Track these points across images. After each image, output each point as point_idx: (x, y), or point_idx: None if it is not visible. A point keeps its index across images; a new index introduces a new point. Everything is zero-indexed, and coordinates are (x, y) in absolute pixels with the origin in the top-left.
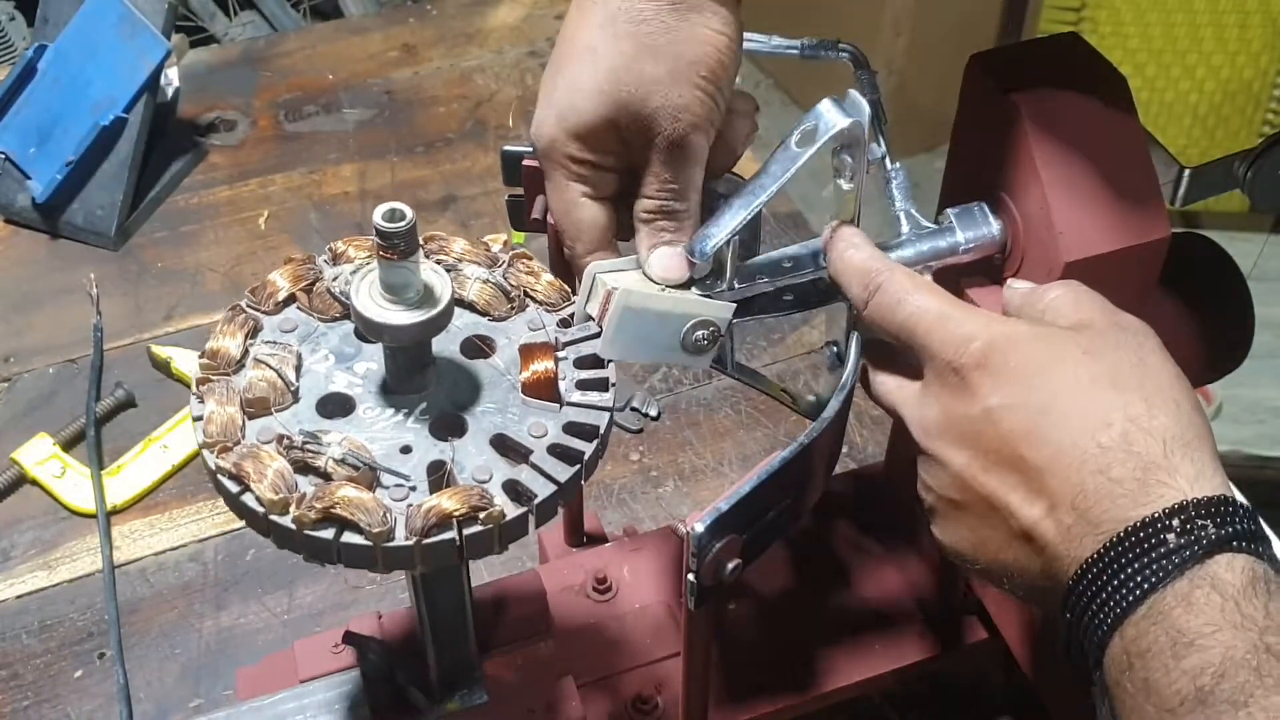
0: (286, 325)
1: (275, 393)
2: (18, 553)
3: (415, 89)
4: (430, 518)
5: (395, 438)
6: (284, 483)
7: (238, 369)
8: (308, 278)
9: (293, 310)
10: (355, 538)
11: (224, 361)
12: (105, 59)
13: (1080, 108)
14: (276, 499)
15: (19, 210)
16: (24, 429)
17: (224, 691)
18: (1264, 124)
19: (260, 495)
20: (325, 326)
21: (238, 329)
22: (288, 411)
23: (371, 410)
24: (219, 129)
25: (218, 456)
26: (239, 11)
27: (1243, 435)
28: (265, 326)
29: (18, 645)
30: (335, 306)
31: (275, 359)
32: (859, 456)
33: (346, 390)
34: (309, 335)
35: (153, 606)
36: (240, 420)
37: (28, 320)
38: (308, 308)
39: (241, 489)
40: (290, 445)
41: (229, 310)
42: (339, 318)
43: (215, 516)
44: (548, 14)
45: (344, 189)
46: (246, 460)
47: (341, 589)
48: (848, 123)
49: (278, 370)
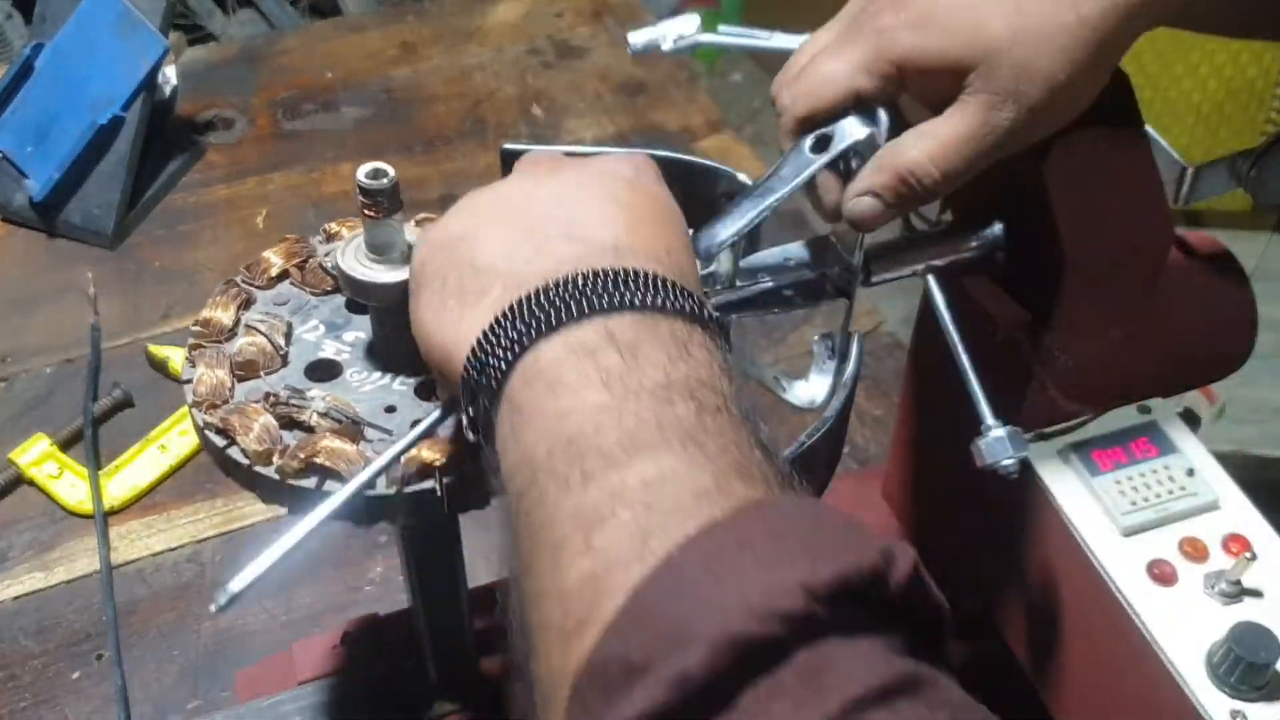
0: (279, 299)
1: (264, 357)
2: (15, 553)
3: (414, 87)
4: (410, 466)
5: (381, 399)
6: (269, 435)
7: (229, 338)
8: (301, 254)
9: (285, 285)
10: (337, 485)
11: (215, 330)
12: (103, 57)
13: None
14: (261, 449)
15: (16, 209)
16: (21, 429)
17: (222, 693)
18: (1267, 122)
19: (246, 447)
20: (317, 300)
21: (230, 300)
22: (275, 375)
23: (359, 374)
24: (217, 127)
25: (205, 413)
26: (237, 9)
27: (1246, 436)
28: (258, 300)
29: (16, 646)
30: (327, 281)
31: (266, 325)
32: (860, 456)
33: (335, 356)
34: (301, 308)
35: (150, 607)
36: (230, 382)
37: (25, 320)
38: (300, 282)
39: (227, 443)
40: (276, 401)
41: (223, 284)
42: (330, 291)
43: (213, 517)
44: (547, 11)
45: (342, 188)
46: (233, 415)
47: (340, 590)
48: (865, 134)
49: (268, 336)
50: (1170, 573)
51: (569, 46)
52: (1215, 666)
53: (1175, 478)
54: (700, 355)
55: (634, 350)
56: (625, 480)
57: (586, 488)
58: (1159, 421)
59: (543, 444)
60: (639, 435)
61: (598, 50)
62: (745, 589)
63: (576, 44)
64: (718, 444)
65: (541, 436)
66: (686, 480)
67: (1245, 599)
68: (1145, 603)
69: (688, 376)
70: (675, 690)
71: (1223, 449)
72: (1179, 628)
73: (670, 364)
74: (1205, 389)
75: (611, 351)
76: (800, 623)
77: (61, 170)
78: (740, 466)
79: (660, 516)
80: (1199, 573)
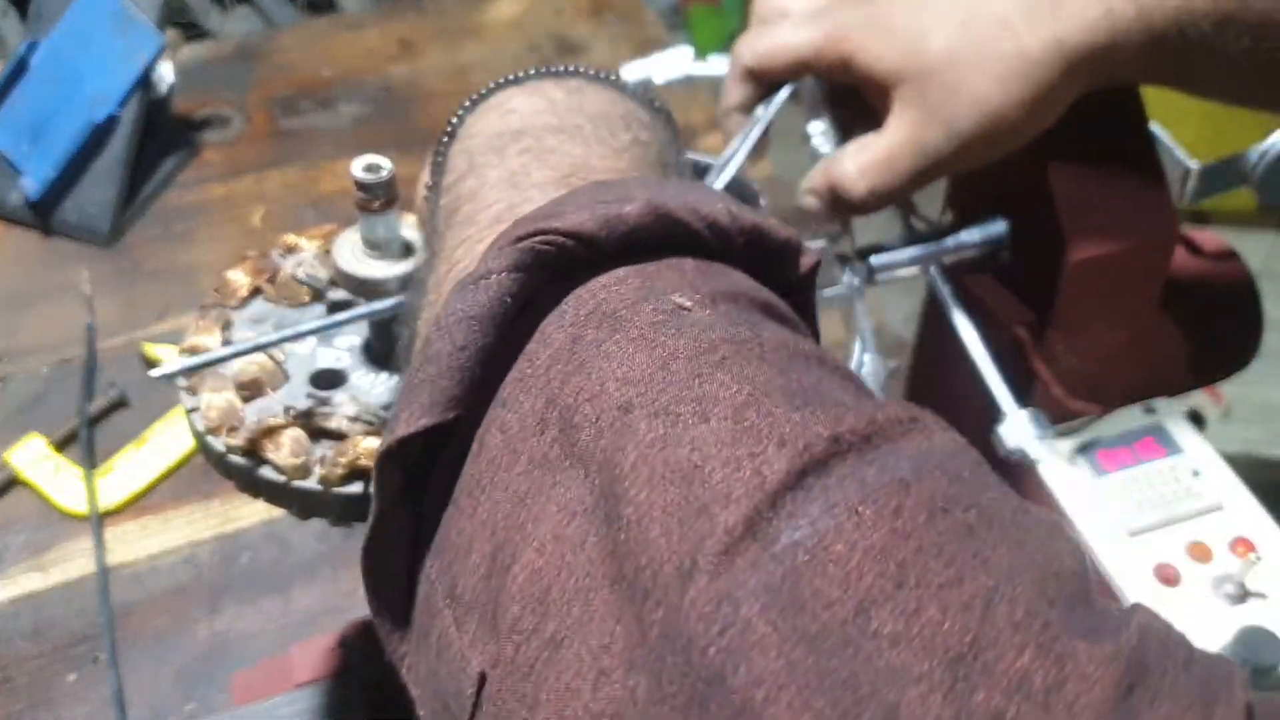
0: (257, 317)
1: (266, 374)
2: (10, 555)
3: (413, 85)
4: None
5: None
6: (301, 448)
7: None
8: (267, 270)
9: (259, 303)
10: None
11: None
12: (98, 54)
13: (1087, 104)
14: (298, 463)
15: (11, 208)
16: (16, 429)
17: (219, 695)
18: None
19: (280, 464)
20: (296, 312)
21: (213, 323)
22: (282, 390)
23: (365, 378)
24: (213, 125)
25: (227, 437)
26: (234, 6)
27: (1252, 436)
28: (236, 321)
29: (11, 649)
30: (303, 292)
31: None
32: None
33: (335, 364)
34: (283, 323)
35: (147, 610)
36: (239, 404)
37: (19, 319)
38: (275, 298)
39: (257, 463)
40: (299, 413)
41: (199, 309)
42: (308, 302)
43: (209, 519)
44: (547, 8)
45: (340, 186)
46: (258, 435)
47: (338, 592)
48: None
49: (266, 351)
50: (1175, 575)
51: (569, 43)
52: None
53: (1181, 479)
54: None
55: (580, 91)
56: (556, 150)
57: (520, 155)
58: (1164, 422)
59: (482, 138)
60: (574, 133)
61: (598, 47)
62: (682, 194)
63: (576, 41)
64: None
65: (483, 131)
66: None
67: (1251, 601)
68: (1150, 605)
69: (625, 113)
70: (602, 224)
71: (1229, 450)
72: (1184, 630)
73: (610, 103)
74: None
75: (559, 89)
76: (720, 232)
77: (57, 168)
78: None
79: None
80: (1205, 575)
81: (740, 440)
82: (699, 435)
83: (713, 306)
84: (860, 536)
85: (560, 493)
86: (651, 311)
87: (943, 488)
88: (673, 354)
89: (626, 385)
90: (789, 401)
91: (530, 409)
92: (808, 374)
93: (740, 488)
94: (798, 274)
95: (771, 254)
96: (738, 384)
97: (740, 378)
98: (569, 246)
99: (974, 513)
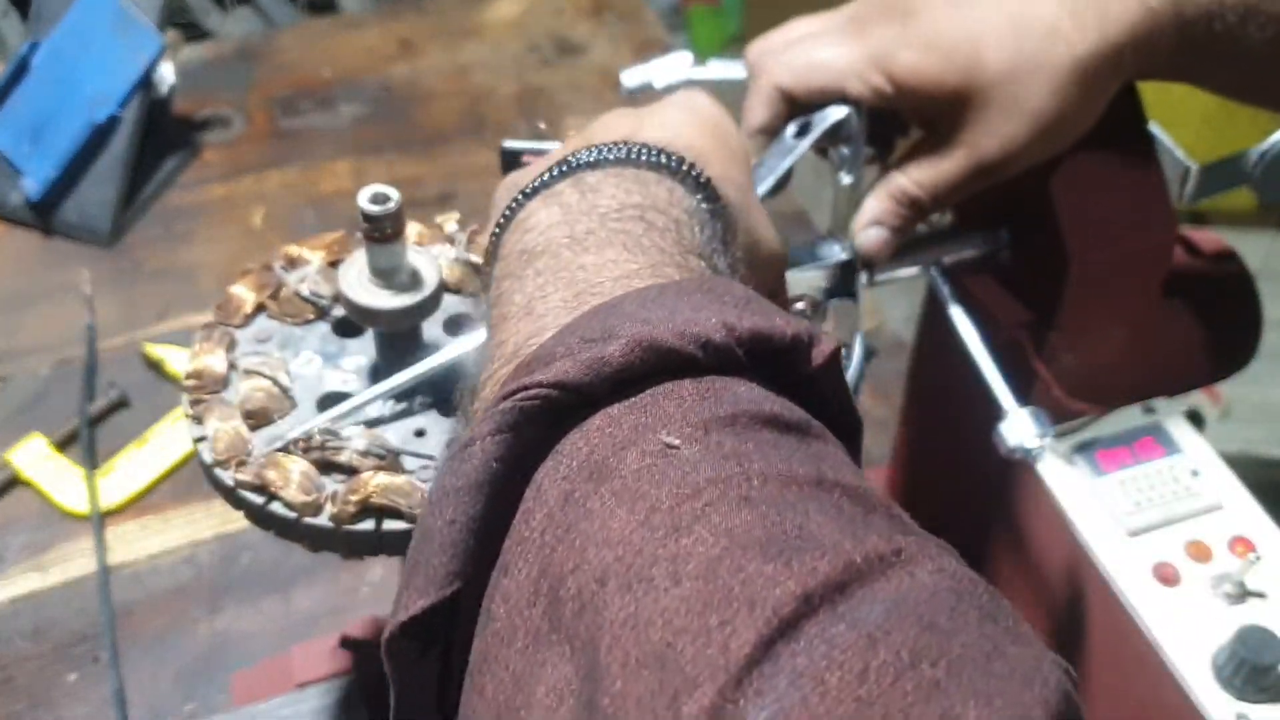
0: (261, 335)
1: (273, 400)
2: (10, 555)
3: (413, 85)
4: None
5: (407, 425)
6: (311, 483)
7: (226, 384)
8: (270, 285)
9: (263, 320)
10: (396, 524)
11: (211, 380)
12: (99, 55)
13: None
14: (309, 500)
15: (12, 208)
16: (17, 429)
17: (219, 696)
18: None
19: (290, 501)
20: (300, 330)
21: (216, 344)
22: (289, 417)
23: (375, 404)
24: (214, 126)
25: (235, 471)
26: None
27: (1252, 435)
28: (240, 340)
29: (12, 649)
30: (307, 309)
31: (266, 367)
32: (864, 458)
33: (342, 388)
34: (288, 341)
35: (147, 610)
36: (246, 433)
37: (20, 319)
38: (279, 314)
39: (267, 499)
40: (309, 446)
41: (202, 329)
42: (312, 320)
43: (210, 519)
44: (547, 8)
45: (340, 186)
46: (267, 469)
47: (338, 593)
48: (844, 113)
49: (271, 378)
50: (1174, 574)
51: (569, 44)
52: (1220, 668)
53: (1180, 479)
54: (660, 191)
55: (595, 189)
56: (568, 266)
57: (536, 277)
58: (1163, 422)
59: (507, 262)
60: (585, 240)
61: (598, 47)
62: (673, 315)
63: (576, 41)
64: (659, 247)
65: (508, 255)
66: (627, 265)
67: (1250, 600)
68: (1149, 604)
69: (641, 203)
70: (586, 368)
71: (1228, 449)
72: (1183, 629)
73: (626, 194)
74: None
75: (574, 192)
76: (715, 350)
77: (58, 169)
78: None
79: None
80: (1204, 574)
81: (710, 607)
82: (670, 605)
83: (703, 440)
84: (825, 710)
85: (549, 673)
86: (638, 456)
87: (912, 639)
88: (654, 507)
89: (605, 548)
90: (763, 554)
91: (526, 577)
92: (795, 509)
93: (706, 669)
94: (810, 369)
95: (779, 354)
96: (714, 537)
97: (718, 530)
98: (555, 398)
99: (943, 666)
